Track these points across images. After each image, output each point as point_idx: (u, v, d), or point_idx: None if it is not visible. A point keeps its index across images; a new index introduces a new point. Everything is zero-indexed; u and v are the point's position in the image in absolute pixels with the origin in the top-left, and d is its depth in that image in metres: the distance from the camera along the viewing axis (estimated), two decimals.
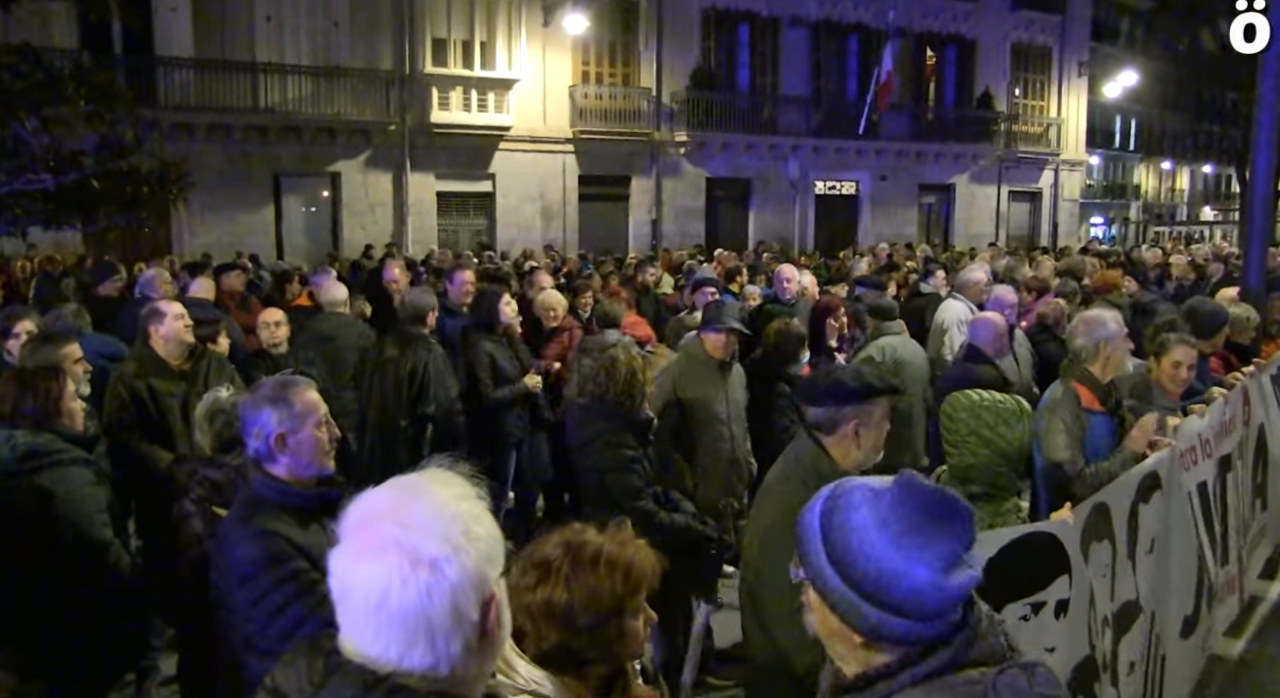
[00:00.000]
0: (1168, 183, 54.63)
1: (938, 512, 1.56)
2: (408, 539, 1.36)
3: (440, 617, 1.35)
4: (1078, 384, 4.43)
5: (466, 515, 1.42)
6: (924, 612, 1.55)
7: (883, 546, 1.55)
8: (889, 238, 25.43)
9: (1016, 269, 10.73)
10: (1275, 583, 6.48)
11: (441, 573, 1.35)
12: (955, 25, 30.36)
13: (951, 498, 1.59)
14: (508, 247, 22.39)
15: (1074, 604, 3.14)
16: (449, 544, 1.36)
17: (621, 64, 25.52)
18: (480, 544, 1.40)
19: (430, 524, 1.38)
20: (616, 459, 4.19)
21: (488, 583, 1.40)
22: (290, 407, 3.10)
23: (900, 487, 1.60)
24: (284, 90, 20.95)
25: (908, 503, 1.57)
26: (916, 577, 1.54)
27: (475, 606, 1.38)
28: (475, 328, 6.71)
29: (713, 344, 5.11)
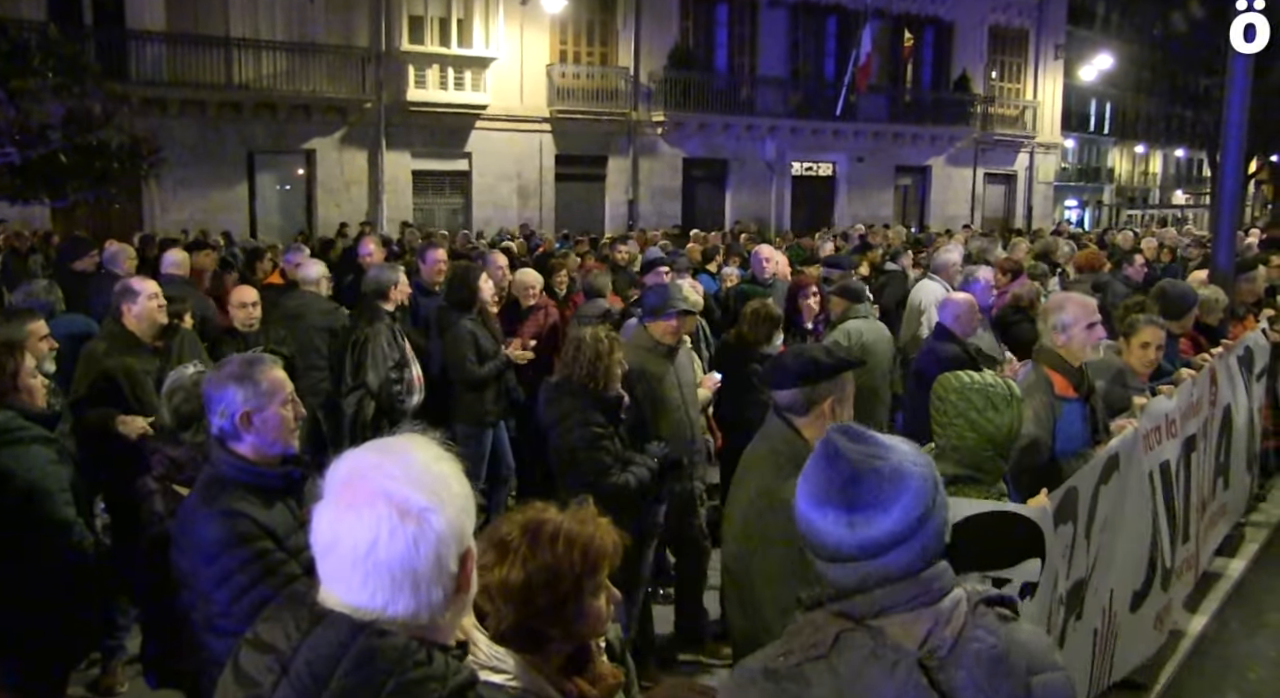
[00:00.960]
0: (1141, 166, 55.07)
1: (823, 454, 1.72)
2: (397, 492, 1.42)
3: (425, 566, 1.42)
4: (1050, 370, 4.41)
5: (446, 471, 1.51)
6: (812, 546, 1.70)
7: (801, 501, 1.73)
8: (865, 219, 25.46)
9: (989, 251, 10.77)
10: (1236, 561, 6.60)
11: (428, 524, 1.42)
12: (933, 7, 30.36)
13: (832, 445, 1.71)
14: (484, 226, 22.27)
15: (1041, 589, 3.16)
16: (434, 497, 1.44)
17: (599, 43, 25.38)
18: (459, 500, 1.49)
19: (416, 478, 1.45)
20: (586, 437, 4.19)
21: (467, 536, 1.50)
22: (256, 385, 3.08)
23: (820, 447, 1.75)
24: (258, 66, 20.72)
25: (816, 451, 1.74)
26: (798, 505, 1.71)
27: (455, 557, 1.46)
28: (453, 306, 6.68)
29: (661, 330, 4.99)
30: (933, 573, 1.66)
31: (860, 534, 1.62)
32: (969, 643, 1.61)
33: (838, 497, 1.64)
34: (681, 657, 5.23)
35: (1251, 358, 6.91)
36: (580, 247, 13.77)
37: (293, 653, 1.42)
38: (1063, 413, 4.25)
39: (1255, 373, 7.04)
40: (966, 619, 1.64)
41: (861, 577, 1.64)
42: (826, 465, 1.68)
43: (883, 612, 1.64)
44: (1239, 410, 6.32)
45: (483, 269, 7.40)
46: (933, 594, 1.65)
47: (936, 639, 1.61)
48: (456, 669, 1.46)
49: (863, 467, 1.65)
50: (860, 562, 1.63)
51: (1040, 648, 1.68)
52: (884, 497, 1.64)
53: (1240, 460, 6.53)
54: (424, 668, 1.41)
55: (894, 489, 1.64)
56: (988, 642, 1.61)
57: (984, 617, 1.64)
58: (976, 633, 1.62)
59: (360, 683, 1.37)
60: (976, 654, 1.60)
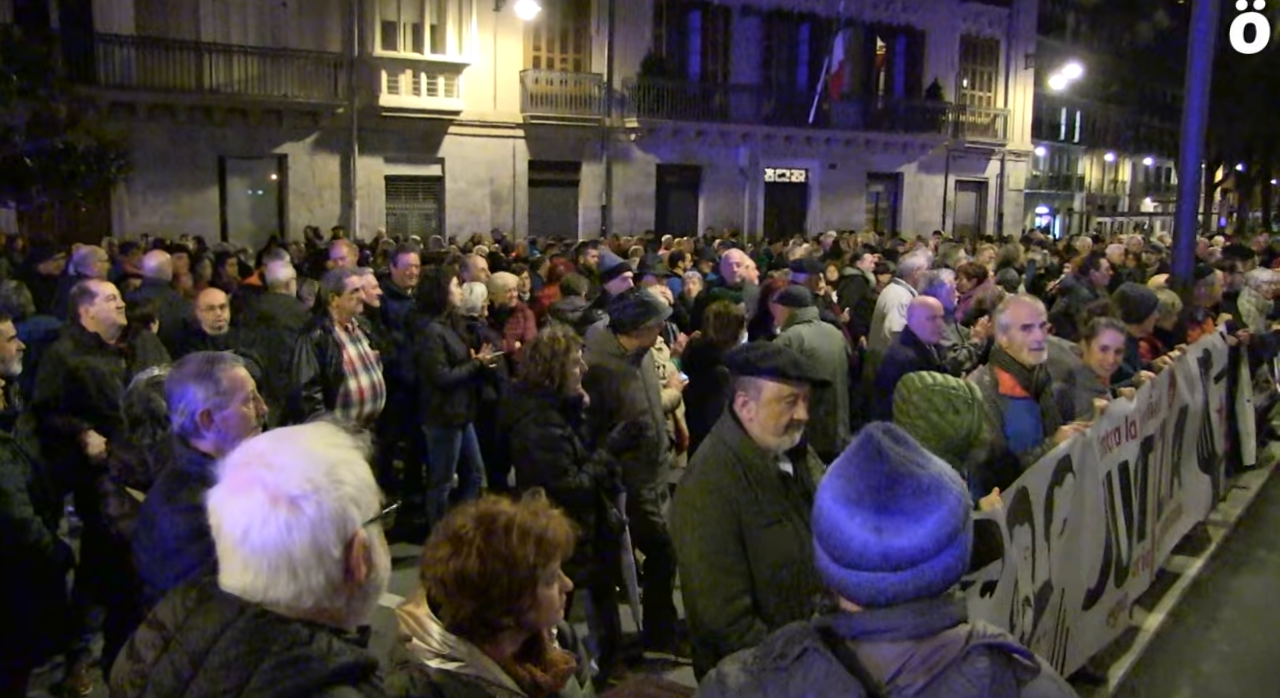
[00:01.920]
0: (1111, 174, 55.66)
1: (863, 454, 1.59)
2: (271, 479, 1.47)
3: (300, 552, 1.45)
4: (999, 369, 4.53)
5: (334, 460, 1.52)
6: (832, 547, 1.56)
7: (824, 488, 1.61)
8: (837, 226, 25.66)
9: (951, 255, 10.91)
10: (1194, 559, 6.71)
11: (300, 511, 1.45)
12: (905, 16, 30.63)
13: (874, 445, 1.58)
14: (456, 231, 22.26)
15: (1001, 585, 3.23)
16: (309, 484, 1.47)
17: (573, 49, 25.44)
18: (344, 487, 1.50)
19: (294, 466, 1.48)
20: (545, 437, 4.22)
21: (349, 524, 1.50)
22: (217, 383, 3.09)
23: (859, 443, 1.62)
24: (229, 71, 20.63)
25: (851, 449, 1.62)
26: (823, 502, 1.58)
27: (336, 543, 1.48)
28: (423, 310, 6.71)
29: (630, 339, 5.00)
30: (943, 601, 1.55)
31: (886, 543, 1.50)
32: (943, 689, 1.49)
33: (871, 498, 1.53)
34: (649, 655, 5.27)
35: (1210, 360, 7.04)
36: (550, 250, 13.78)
37: (176, 630, 1.46)
38: (1009, 410, 4.35)
39: (1214, 375, 7.17)
40: (953, 663, 1.50)
41: (875, 590, 1.53)
42: (864, 464, 1.56)
43: (865, 635, 1.54)
44: (1196, 412, 6.43)
45: (454, 273, 7.44)
46: (931, 625, 1.53)
47: (906, 677, 1.51)
48: (341, 651, 1.48)
49: (902, 471, 1.54)
50: (879, 572, 1.52)
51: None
52: (920, 507, 1.52)
53: (1193, 461, 6.64)
54: (304, 648, 1.43)
55: (932, 501, 1.53)
56: (963, 692, 1.48)
57: (975, 664, 1.50)
58: (955, 682, 1.49)
59: (235, 659, 1.40)
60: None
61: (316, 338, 5.95)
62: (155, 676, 1.43)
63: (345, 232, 19.97)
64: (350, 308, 6.14)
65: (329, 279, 6.35)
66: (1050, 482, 4.05)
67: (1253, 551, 7.03)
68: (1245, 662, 5.36)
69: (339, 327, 6.09)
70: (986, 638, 1.53)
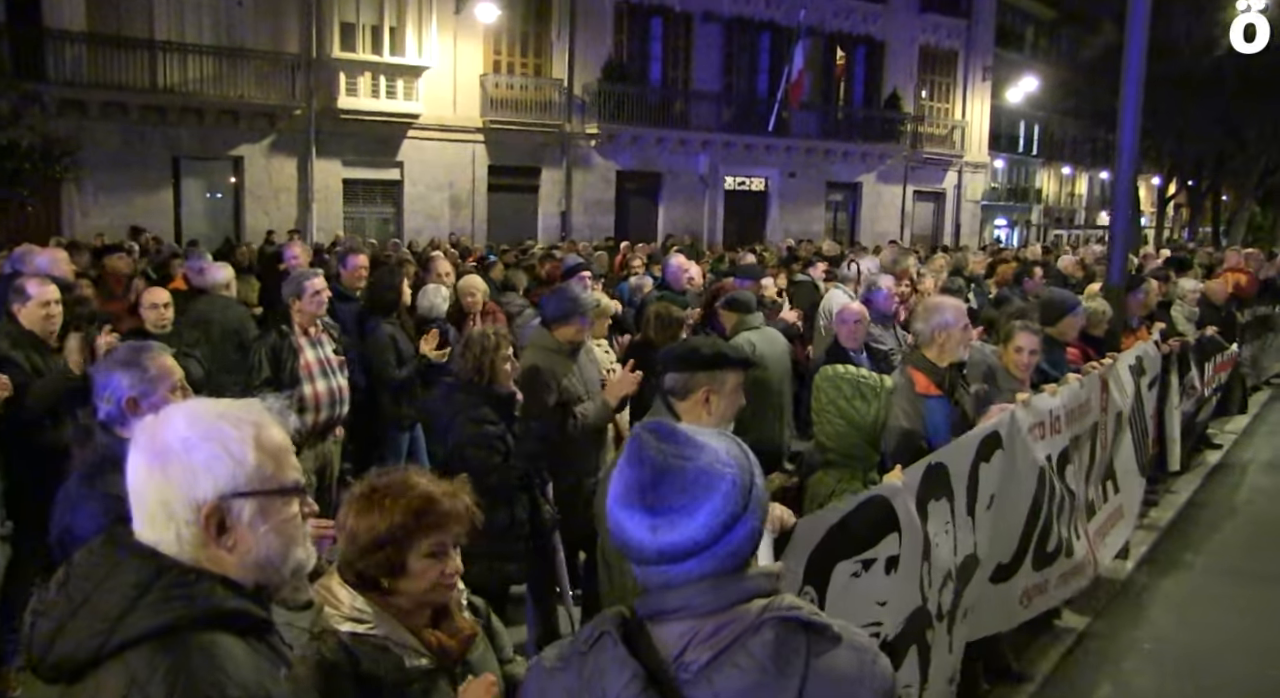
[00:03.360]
0: (1068, 187, 56.47)
1: (629, 454, 1.62)
2: (158, 438, 1.62)
3: (155, 506, 1.60)
4: (913, 370, 4.65)
5: (222, 431, 1.63)
6: (620, 545, 1.61)
7: (610, 499, 1.64)
8: (796, 234, 25.87)
9: (899, 262, 11.08)
10: (1125, 563, 6.86)
11: (172, 468, 1.60)
12: (865, 26, 30.98)
13: (638, 443, 1.61)
14: (415, 235, 22.17)
15: (904, 560, 3.33)
16: (182, 445, 1.60)
17: (533, 54, 25.46)
18: (197, 455, 1.60)
19: (179, 430, 1.62)
20: (475, 434, 4.26)
21: (196, 489, 1.59)
22: (143, 371, 3.11)
23: (628, 444, 1.66)
24: (184, 70, 20.41)
25: (628, 457, 1.64)
26: (608, 502, 1.62)
27: (184, 506, 1.59)
28: (375, 310, 6.72)
29: (563, 333, 5.07)
30: (737, 577, 1.57)
31: (662, 539, 1.53)
32: (727, 663, 1.51)
33: (639, 499, 1.55)
34: None
35: (1143, 367, 7.21)
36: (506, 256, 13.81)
37: (79, 565, 1.60)
38: (925, 409, 4.47)
39: (1147, 381, 7.35)
40: (740, 637, 1.52)
41: (665, 580, 1.56)
42: (630, 465, 1.59)
43: (657, 615, 1.58)
44: (1129, 417, 6.58)
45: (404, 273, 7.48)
46: (719, 602, 1.54)
47: (692, 653, 1.53)
48: (226, 599, 1.59)
49: (666, 468, 1.55)
50: (663, 566, 1.55)
51: (845, 681, 1.53)
52: (688, 500, 1.53)
53: (1132, 465, 6.80)
54: (185, 588, 1.56)
55: (700, 492, 1.54)
56: (745, 665, 1.50)
57: (763, 636, 1.52)
58: (738, 655, 1.51)
59: (119, 588, 1.54)
60: (729, 677, 1.51)
61: (271, 341, 5.84)
62: (54, 604, 1.55)
63: (302, 235, 19.85)
64: (310, 311, 5.96)
65: (289, 282, 6.25)
66: (975, 458, 4.18)
67: (1180, 554, 7.20)
68: (1165, 660, 5.50)
69: (299, 330, 5.94)
70: (779, 611, 1.54)
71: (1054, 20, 43.94)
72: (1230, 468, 9.59)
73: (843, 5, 30.05)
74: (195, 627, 1.53)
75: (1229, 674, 5.31)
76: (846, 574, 3.12)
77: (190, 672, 1.48)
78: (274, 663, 1.65)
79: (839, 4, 29.92)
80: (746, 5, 28.41)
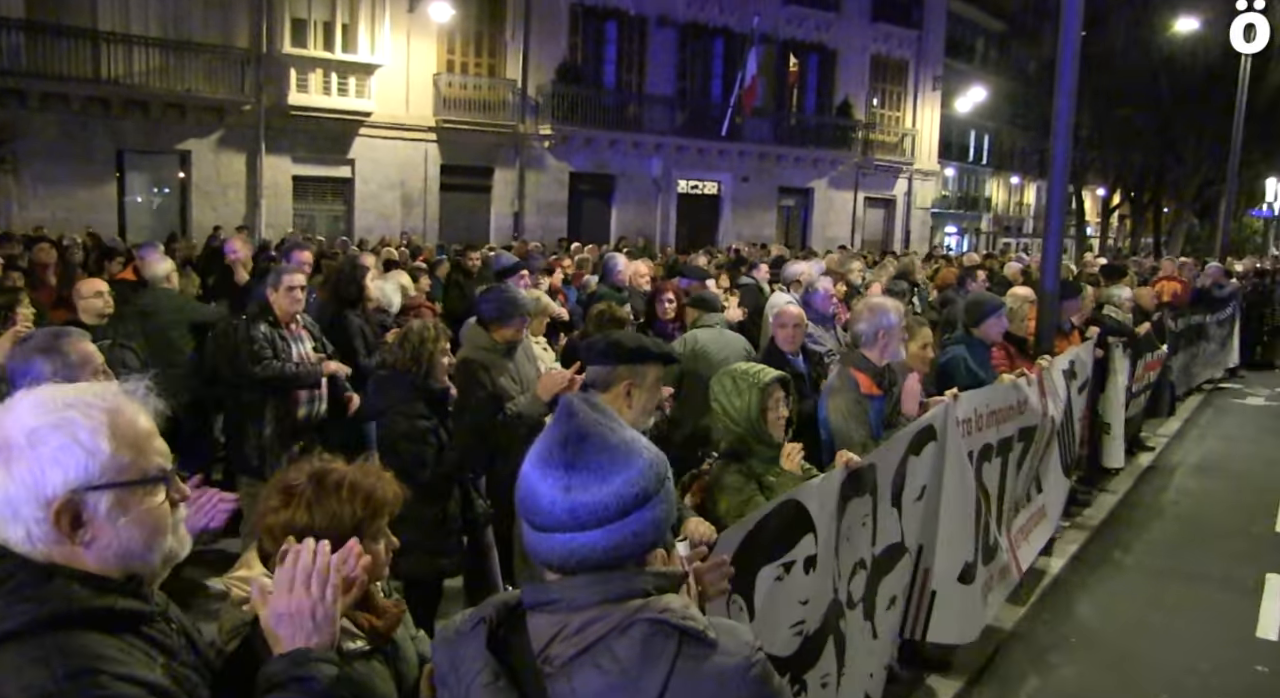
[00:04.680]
0: (1016, 196, 57.42)
1: (555, 418, 1.63)
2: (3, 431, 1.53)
3: (3, 504, 1.51)
4: (856, 371, 4.73)
5: (69, 419, 1.53)
6: (528, 511, 1.60)
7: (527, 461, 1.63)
8: (749, 238, 26.07)
9: (845, 263, 11.21)
10: (1055, 559, 7.02)
11: (14, 463, 1.50)
12: (818, 34, 31.27)
13: (564, 408, 1.61)
14: (366, 234, 21.96)
15: (821, 558, 3.40)
16: (25, 439, 1.51)
17: (487, 54, 25.38)
18: (43, 447, 1.51)
19: (23, 420, 1.52)
20: (409, 429, 4.25)
21: (44, 485, 1.51)
22: (64, 356, 3.07)
23: (558, 409, 1.67)
24: (129, 61, 20.04)
25: (555, 418, 1.65)
26: (524, 465, 1.61)
27: (28, 502, 1.50)
28: (340, 302, 6.71)
29: (500, 333, 5.07)
30: (630, 573, 1.57)
31: (573, 499, 1.53)
32: (589, 662, 1.51)
33: (559, 455, 1.56)
34: None
35: (1075, 371, 7.39)
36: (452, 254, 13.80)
37: None
38: (869, 409, 4.56)
39: (1078, 385, 7.53)
40: (608, 635, 1.52)
41: (568, 551, 1.55)
42: (558, 424, 1.59)
43: (535, 606, 1.59)
44: (1058, 419, 6.74)
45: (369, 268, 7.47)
46: (593, 598, 1.54)
47: (557, 647, 1.54)
48: (87, 597, 1.51)
49: (592, 429, 1.57)
50: (568, 532, 1.54)
51: (711, 688, 1.50)
52: (607, 464, 1.55)
53: (1057, 466, 6.96)
54: (35, 588, 1.48)
55: (620, 459, 1.56)
56: (606, 666, 1.50)
57: (630, 636, 1.51)
58: (600, 655, 1.51)
59: None
60: (588, 676, 1.51)
61: (265, 332, 5.67)
62: None
63: (251, 232, 19.60)
64: (287, 306, 5.83)
65: (271, 275, 6.14)
66: (905, 452, 4.28)
67: (1110, 552, 7.38)
68: (1091, 653, 5.64)
69: (283, 325, 5.85)
70: (651, 613, 1.53)
71: (1003, 33, 44.64)
72: (1161, 470, 9.84)
73: (796, 13, 30.32)
74: (56, 627, 1.45)
75: (1152, 667, 5.46)
76: (770, 579, 3.17)
77: (51, 675, 1.41)
78: (153, 656, 1.56)
79: (792, 11, 30.19)
80: (701, 11, 28.56)
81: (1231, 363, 15.15)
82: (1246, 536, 7.85)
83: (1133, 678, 5.34)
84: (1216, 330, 14.21)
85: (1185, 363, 12.75)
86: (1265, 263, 20.70)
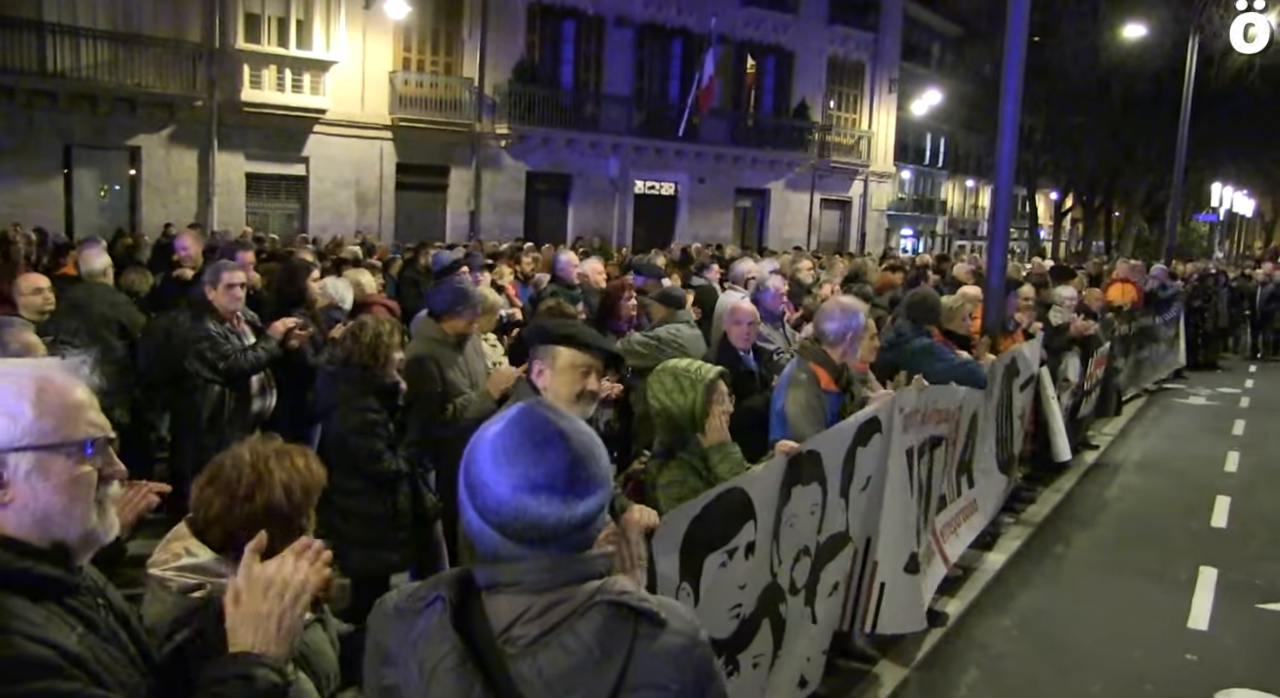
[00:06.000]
0: (971, 199, 58.14)
1: (537, 438, 1.60)
2: None
3: None
4: (817, 366, 4.79)
5: (5, 389, 1.60)
6: (505, 527, 1.58)
7: (486, 463, 1.61)
8: (705, 239, 26.16)
9: (795, 262, 11.33)
10: (997, 554, 7.14)
11: None
12: (775, 36, 31.50)
13: (551, 427, 1.61)
14: (320, 232, 21.74)
15: (759, 543, 3.46)
16: None
17: (444, 52, 25.28)
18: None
19: None
20: (360, 422, 4.25)
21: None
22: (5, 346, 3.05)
23: (515, 411, 1.67)
24: (76, 55, 19.72)
25: (513, 426, 1.62)
26: (500, 491, 1.57)
27: None
28: (281, 303, 6.68)
29: (451, 325, 5.10)
30: (577, 557, 1.60)
31: (579, 510, 1.57)
32: (554, 642, 1.54)
33: (563, 482, 1.56)
34: None
35: (1016, 367, 7.52)
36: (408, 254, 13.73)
37: None
38: (828, 404, 4.63)
39: (1020, 382, 7.66)
40: (569, 617, 1.55)
41: (542, 552, 1.57)
42: (547, 451, 1.58)
43: (494, 586, 1.59)
44: (989, 415, 6.86)
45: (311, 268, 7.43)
46: (555, 580, 1.57)
47: (520, 628, 1.56)
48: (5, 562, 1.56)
49: (583, 451, 1.60)
50: (560, 542, 1.57)
51: (666, 665, 1.56)
52: (598, 471, 1.61)
53: (990, 462, 7.08)
54: None
55: (604, 467, 1.63)
56: (571, 646, 1.53)
57: (591, 618, 1.55)
58: (565, 636, 1.54)
59: None
60: (554, 656, 1.54)
61: (215, 329, 5.67)
62: None
63: (203, 229, 19.34)
64: (225, 303, 5.80)
65: (209, 270, 6.10)
66: (852, 442, 4.34)
67: (1052, 547, 7.52)
68: (1031, 644, 5.75)
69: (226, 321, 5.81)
70: (610, 595, 1.57)
71: (959, 37, 45.32)
72: (1105, 467, 10.03)
73: (754, 14, 30.52)
74: None
75: (1089, 657, 5.57)
76: (716, 565, 3.22)
77: None
78: (71, 625, 1.60)
79: (750, 13, 30.39)
80: (659, 11, 28.66)
81: (1179, 364, 15.47)
82: (1183, 531, 8.04)
83: (1069, 667, 5.45)
84: (1164, 332, 14.52)
85: (1135, 365, 13.01)
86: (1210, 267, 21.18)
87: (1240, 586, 6.75)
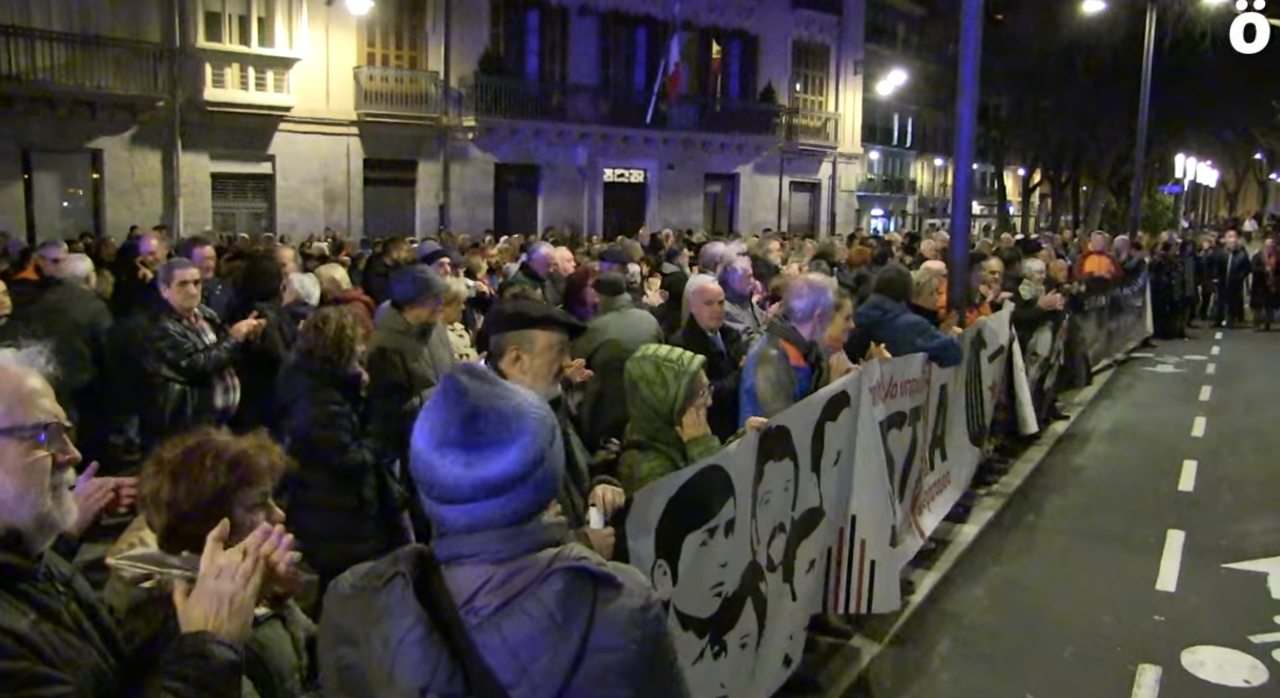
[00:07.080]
0: (940, 178, 58.38)
1: (449, 398, 1.64)
2: None
3: None
4: (786, 343, 4.84)
5: None
6: (428, 489, 1.63)
7: (416, 429, 1.66)
8: (676, 225, 26.15)
9: (764, 244, 11.38)
10: (970, 526, 7.23)
11: None
12: (739, 21, 31.47)
13: (458, 385, 1.64)
14: (289, 230, 21.65)
15: (739, 521, 3.48)
16: None
17: (408, 46, 25.10)
18: None
19: None
20: (323, 415, 4.25)
21: None
22: None
23: (442, 387, 1.69)
24: (32, 57, 19.39)
25: (436, 391, 1.67)
26: (415, 447, 1.63)
27: None
28: (250, 297, 6.66)
29: (414, 314, 5.11)
30: (535, 526, 1.64)
31: (477, 474, 1.58)
32: (517, 610, 1.57)
33: (457, 435, 1.59)
34: None
35: (983, 339, 7.59)
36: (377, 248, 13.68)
37: None
38: (798, 380, 4.68)
39: (989, 354, 7.74)
40: (531, 585, 1.59)
41: (474, 518, 1.61)
42: (447, 403, 1.62)
43: (453, 559, 1.62)
44: (958, 389, 6.93)
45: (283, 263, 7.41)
46: (514, 550, 1.61)
47: (482, 598, 1.59)
48: None
49: (483, 404, 1.61)
50: (473, 503, 1.60)
51: (625, 628, 1.60)
52: (504, 435, 1.60)
53: (961, 435, 7.16)
54: None
55: (514, 427, 1.61)
56: (534, 613, 1.57)
57: (551, 585, 1.58)
58: (527, 603, 1.57)
59: None
60: (518, 623, 1.57)
61: (174, 328, 5.69)
62: None
63: (169, 230, 19.17)
64: (182, 301, 5.82)
65: (161, 272, 6.10)
66: (820, 417, 4.38)
67: (1023, 516, 7.62)
68: (1004, 611, 5.84)
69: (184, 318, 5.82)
70: (568, 561, 1.61)
71: (923, 17, 45.45)
72: (1075, 437, 10.16)
73: (717, 0, 30.48)
74: None
75: (1060, 622, 5.66)
76: (696, 544, 3.23)
77: None
78: (23, 611, 1.60)
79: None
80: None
81: (1147, 334, 15.67)
82: (1152, 495, 8.16)
83: (1042, 633, 5.53)
84: (1132, 302, 14.69)
85: (1106, 336, 13.16)
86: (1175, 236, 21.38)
87: (1206, 547, 6.88)
